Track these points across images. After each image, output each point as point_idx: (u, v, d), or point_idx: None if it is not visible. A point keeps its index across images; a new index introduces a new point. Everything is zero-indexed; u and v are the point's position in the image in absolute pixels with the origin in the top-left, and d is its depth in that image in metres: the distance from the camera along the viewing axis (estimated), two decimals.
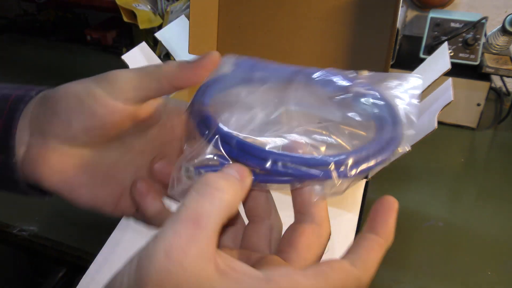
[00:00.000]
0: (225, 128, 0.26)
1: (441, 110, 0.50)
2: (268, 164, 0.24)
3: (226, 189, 0.22)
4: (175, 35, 0.72)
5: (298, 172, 0.25)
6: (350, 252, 0.25)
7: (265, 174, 0.25)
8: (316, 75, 0.30)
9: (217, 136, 0.26)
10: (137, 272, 0.20)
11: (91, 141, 0.29)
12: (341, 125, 0.28)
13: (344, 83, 0.30)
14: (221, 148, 0.25)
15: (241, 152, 0.25)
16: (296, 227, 0.27)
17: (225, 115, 0.28)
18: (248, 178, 0.24)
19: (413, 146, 0.51)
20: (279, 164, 0.25)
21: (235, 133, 0.26)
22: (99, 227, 0.65)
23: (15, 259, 0.85)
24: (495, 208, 0.70)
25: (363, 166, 0.26)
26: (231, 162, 0.25)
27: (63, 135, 0.29)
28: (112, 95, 0.28)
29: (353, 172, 0.26)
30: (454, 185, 0.75)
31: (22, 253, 0.85)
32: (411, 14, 1.06)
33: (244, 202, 0.29)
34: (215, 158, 0.26)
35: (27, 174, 0.30)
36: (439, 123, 0.53)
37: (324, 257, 0.51)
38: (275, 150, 0.25)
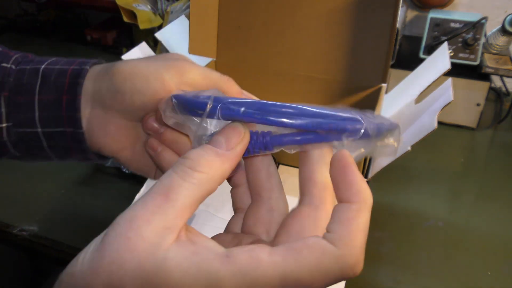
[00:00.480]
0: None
1: (441, 110, 0.50)
2: (294, 121, 0.23)
3: (204, 167, 0.22)
4: (175, 35, 0.72)
5: (332, 125, 0.23)
6: (328, 230, 0.21)
7: (280, 135, 0.24)
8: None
9: (219, 105, 0.24)
10: (102, 239, 0.20)
11: (146, 110, 0.32)
12: None
13: None
14: (230, 113, 0.23)
15: (259, 112, 0.23)
16: (293, 209, 0.25)
17: None
18: (239, 146, 0.23)
19: (413, 146, 0.51)
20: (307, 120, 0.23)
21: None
22: (99, 227, 0.65)
23: (15, 259, 0.85)
24: (495, 208, 0.70)
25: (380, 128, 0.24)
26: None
27: (125, 111, 0.31)
28: (178, 84, 0.30)
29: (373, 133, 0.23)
30: (454, 185, 0.75)
31: (22, 253, 0.85)
32: (411, 14, 1.06)
33: (247, 176, 0.28)
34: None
35: (89, 143, 0.33)
36: (439, 123, 0.53)
37: None
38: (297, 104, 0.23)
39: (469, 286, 0.58)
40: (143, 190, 0.61)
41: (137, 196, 0.59)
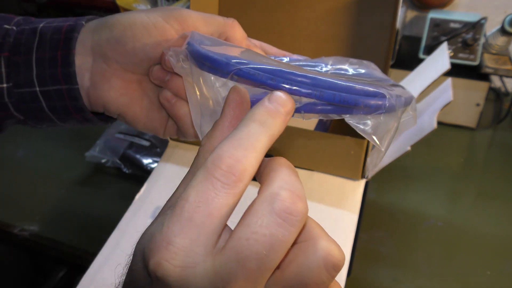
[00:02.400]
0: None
1: (441, 110, 0.50)
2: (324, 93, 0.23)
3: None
4: None
5: (356, 101, 0.23)
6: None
7: (312, 103, 0.23)
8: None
9: (244, 67, 0.23)
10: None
11: (150, 61, 0.31)
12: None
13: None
14: (256, 77, 0.23)
15: (286, 79, 0.22)
16: None
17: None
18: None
19: (413, 146, 0.51)
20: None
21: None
22: (99, 227, 0.65)
23: (16, 258, 0.85)
24: (495, 208, 0.70)
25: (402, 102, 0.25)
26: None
27: (128, 62, 0.30)
28: (179, 31, 0.30)
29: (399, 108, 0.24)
30: (453, 185, 0.75)
31: (23, 253, 0.85)
32: (411, 14, 1.06)
33: None
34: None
35: (94, 99, 0.32)
36: (439, 123, 0.53)
37: None
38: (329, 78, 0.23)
39: (469, 286, 0.58)
40: (143, 190, 0.61)
41: (137, 196, 0.60)
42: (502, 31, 0.83)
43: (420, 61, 0.69)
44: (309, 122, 0.72)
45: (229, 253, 0.18)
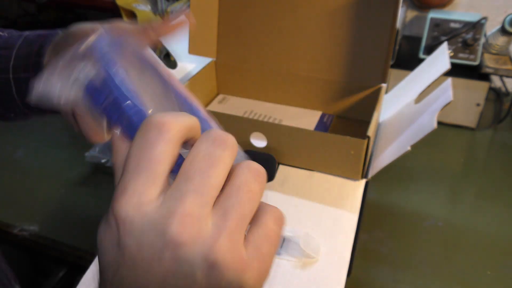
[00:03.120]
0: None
1: (441, 110, 0.50)
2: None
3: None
4: (174, 35, 0.72)
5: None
6: None
7: None
8: None
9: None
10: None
11: None
12: None
13: None
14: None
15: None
16: None
17: None
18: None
19: (413, 146, 0.51)
20: None
21: None
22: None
23: (16, 258, 0.85)
24: (495, 208, 0.70)
25: None
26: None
27: None
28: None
29: None
30: (454, 185, 0.75)
31: (23, 253, 0.85)
32: (411, 14, 1.06)
33: None
34: None
35: None
36: (439, 123, 0.53)
37: (323, 259, 0.51)
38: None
39: (469, 286, 0.58)
40: None
41: None
42: (503, 31, 0.83)
43: (420, 61, 0.69)
44: (310, 122, 0.72)
45: (178, 178, 0.22)
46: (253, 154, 0.58)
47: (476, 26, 0.84)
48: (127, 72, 0.27)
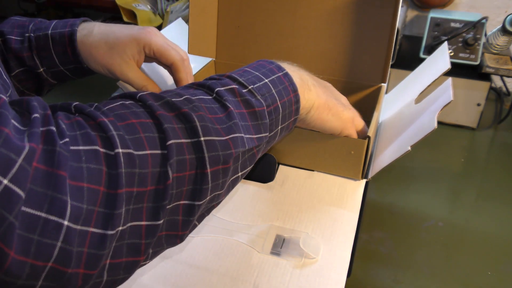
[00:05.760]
0: None
1: (441, 110, 0.50)
2: None
3: None
4: (174, 35, 0.72)
5: None
6: None
7: None
8: None
9: None
10: None
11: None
12: None
13: None
14: None
15: None
16: None
17: None
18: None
19: (413, 146, 0.51)
20: None
21: None
22: None
23: None
24: (495, 208, 0.70)
25: None
26: None
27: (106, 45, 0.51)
28: (139, 52, 0.51)
29: None
30: (454, 185, 0.75)
31: None
32: (411, 14, 1.06)
33: None
34: None
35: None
36: (439, 123, 0.53)
37: (323, 259, 0.51)
38: None
39: (469, 286, 0.58)
40: None
41: None
42: (503, 30, 0.83)
43: (421, 60, 0.69)
44: None
45: None
46: None
47: (477, 26, 0.84)
48: None
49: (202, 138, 0.29)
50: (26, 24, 0.53)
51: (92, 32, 0.51)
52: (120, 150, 0.25)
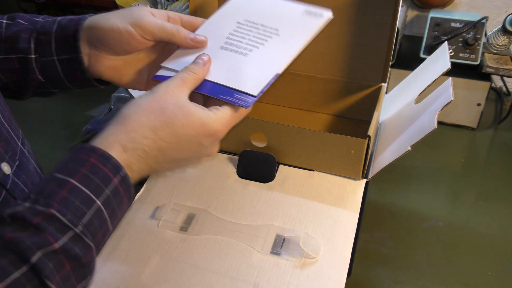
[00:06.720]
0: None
1: (441, 109, 0.50)
2: None
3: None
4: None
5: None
6: None
7: None
8: None
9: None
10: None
11: (127, 54, 0.47)
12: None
13: None
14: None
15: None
16: None
17: None
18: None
19: (413, 146, 0.51)
20: None
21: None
22: None
23: None
24: (495, 208, 0.70)
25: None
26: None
27: (110, 52, 0.46)
28: (141, 34, 0.44)
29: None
30: (454, 185, 0.75)
31: None
32: (411, 14, 1.06)
33: None
34: None
35: (91, 73, 0.47)
36: (439, 123, 0.53)
37: (323, 259, 0.51)
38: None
39: (469, 286, 0.58)
40: (143, 190, 0.61)
41: (137, 196, 0.59)
42: (503, 30, 0.83)
43: (421, 60, 0.69)
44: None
45: None
46: (253, 154, 0.58)
47: (477, 26, 0.84)
48: None
49: None
50: (40, 16, 0.50)
51: (94, 26, 0.47)
52: None
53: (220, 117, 0.40)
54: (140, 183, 0.61)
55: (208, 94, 0.42)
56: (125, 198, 0.38)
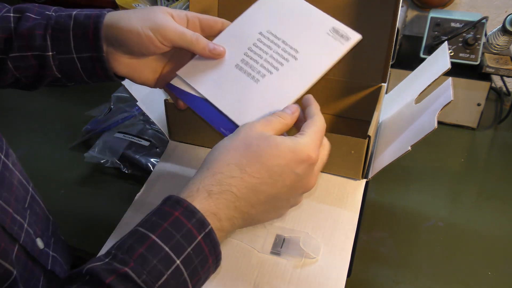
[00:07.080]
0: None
1: (441, 109, 0.50)
2: None
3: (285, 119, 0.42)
4: None
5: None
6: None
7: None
8: None
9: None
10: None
11: (143, 55, 0.48)
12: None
13: None
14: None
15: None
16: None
17: None
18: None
19: (413, 146, 0.51)
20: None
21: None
22: (99, 227, 0.65)
23: None
24: (495, 208, 0.70)
25: None
26: None
27: (126, 52, 0.47)
28: (161, 40, 0.45)
29: None
30: (454, 185, 0.75)
31: None
32: (411, 14, 1.06)
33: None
34: None
35: (108, 68, 0.48)
36: (439, 123, 0.53)
37: (323, 259, 0.51)
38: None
39: (469, 286, 0.58)
40: (143, 190, 0.61)
41: (137, 196, 0.59)
42: (503, 30, 0.83)
43: (421, 60, 0.69)
44: None
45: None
46: None
47: (477, 26, 0.84)
48: None
49: None
50: (49, 7, 0.48)
51: (114, 26, 0.46)
52: None
53: (308, 140, 0.37)
54: (140, 183, 0.62)
55: (210, 124, 0.44)
56: (210, 258, 0.33)
